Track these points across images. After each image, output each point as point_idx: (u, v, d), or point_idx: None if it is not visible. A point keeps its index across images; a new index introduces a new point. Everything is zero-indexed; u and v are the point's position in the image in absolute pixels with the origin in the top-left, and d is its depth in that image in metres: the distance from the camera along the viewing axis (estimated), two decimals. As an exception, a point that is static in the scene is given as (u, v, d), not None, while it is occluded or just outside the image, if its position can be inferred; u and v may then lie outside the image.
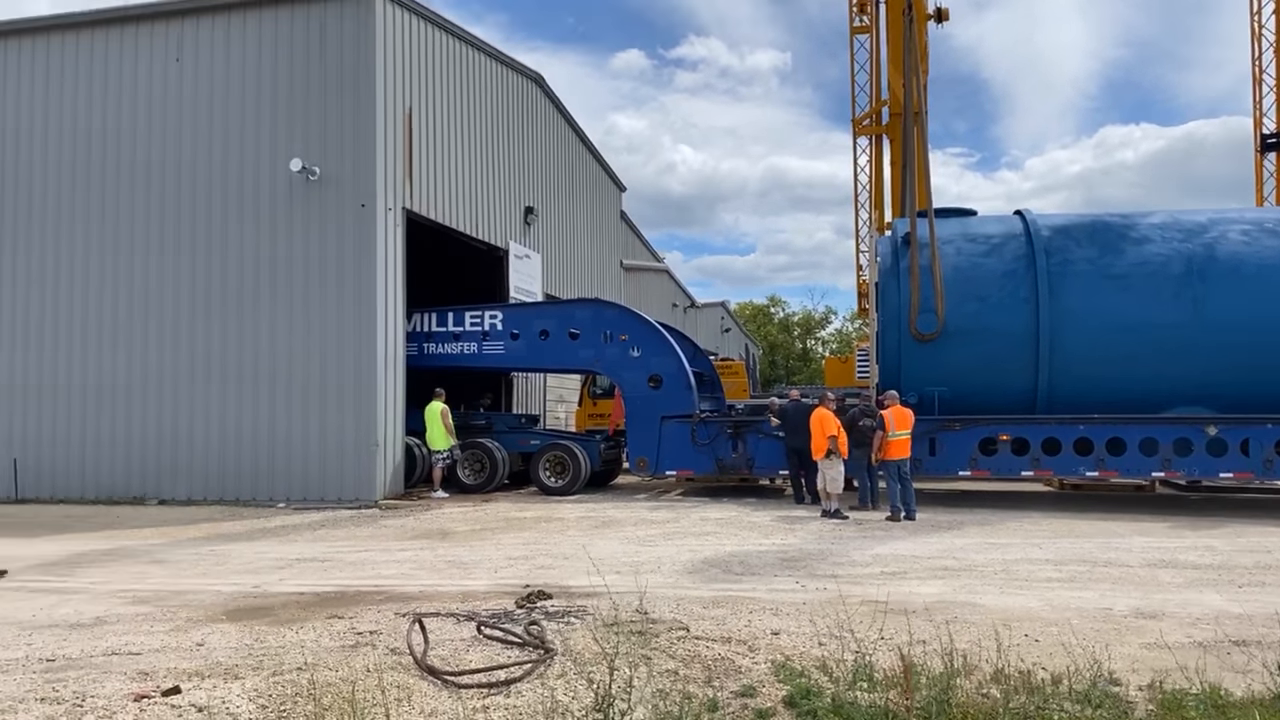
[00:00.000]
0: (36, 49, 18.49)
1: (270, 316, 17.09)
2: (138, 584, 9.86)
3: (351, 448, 16.62)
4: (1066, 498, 17.25)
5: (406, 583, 9.54)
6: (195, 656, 6.68)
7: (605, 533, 12.96)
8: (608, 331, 18.36)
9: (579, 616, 7.63)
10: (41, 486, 17.85)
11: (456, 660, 6.45)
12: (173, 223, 17.62)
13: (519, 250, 23.19)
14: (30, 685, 5.99)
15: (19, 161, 18.41)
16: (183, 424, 17.35)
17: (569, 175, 27.56)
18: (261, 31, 17.44)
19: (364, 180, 16.82)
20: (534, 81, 24.88)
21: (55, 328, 18.08)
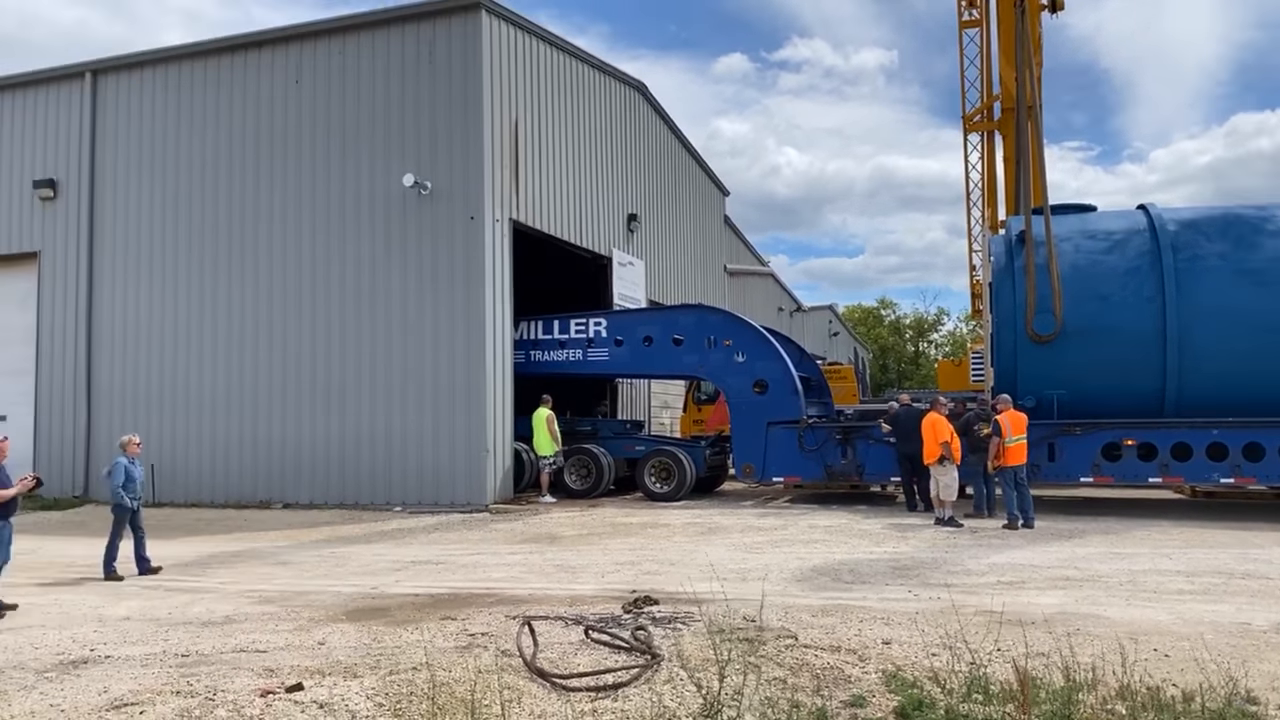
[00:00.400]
0: (169, 76, 19.61)
1: (386, 327, 17.66)
2: (264, 584, 10.31)
3: (462, 453, 17.03)
4: (1199, 506, 16.34)
5: (516, 586, 9.70)
6: (317, 655, 6.94)
7: (711, 539, 12.92)
8: (711, 337, 18.31)
9: (686, 623, 7.62)
10: (176, 491, 18.86)
11: (565, 663, 6.53)
12: (294, 238, 18.42)
13: (622, 257, 23.37)
14: (167, 679, 6.33)
15: (152, 183, 19.53)
16: (305, 431, 18.08)
17: (672, 181, 27.65)
18: (375, 51, 18.09)
19: (472, 193, 17.24)
20: (636, 90, 25.06)
21: (187, 339, 19.10)
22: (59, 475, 19.13)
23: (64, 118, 20.31)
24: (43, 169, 20.34)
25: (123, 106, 19.95)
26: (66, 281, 20.04)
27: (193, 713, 5.59)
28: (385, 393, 17.58)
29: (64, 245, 20.10)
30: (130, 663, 6.81)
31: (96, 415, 19.65)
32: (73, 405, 19.80)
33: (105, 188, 19.90)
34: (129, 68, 20.00)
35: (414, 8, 17.91)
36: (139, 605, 9.18)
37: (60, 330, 20.08)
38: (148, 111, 19.74)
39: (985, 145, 29.41)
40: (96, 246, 19.86)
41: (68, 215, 20.09)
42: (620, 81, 23.98)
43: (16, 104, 20.83)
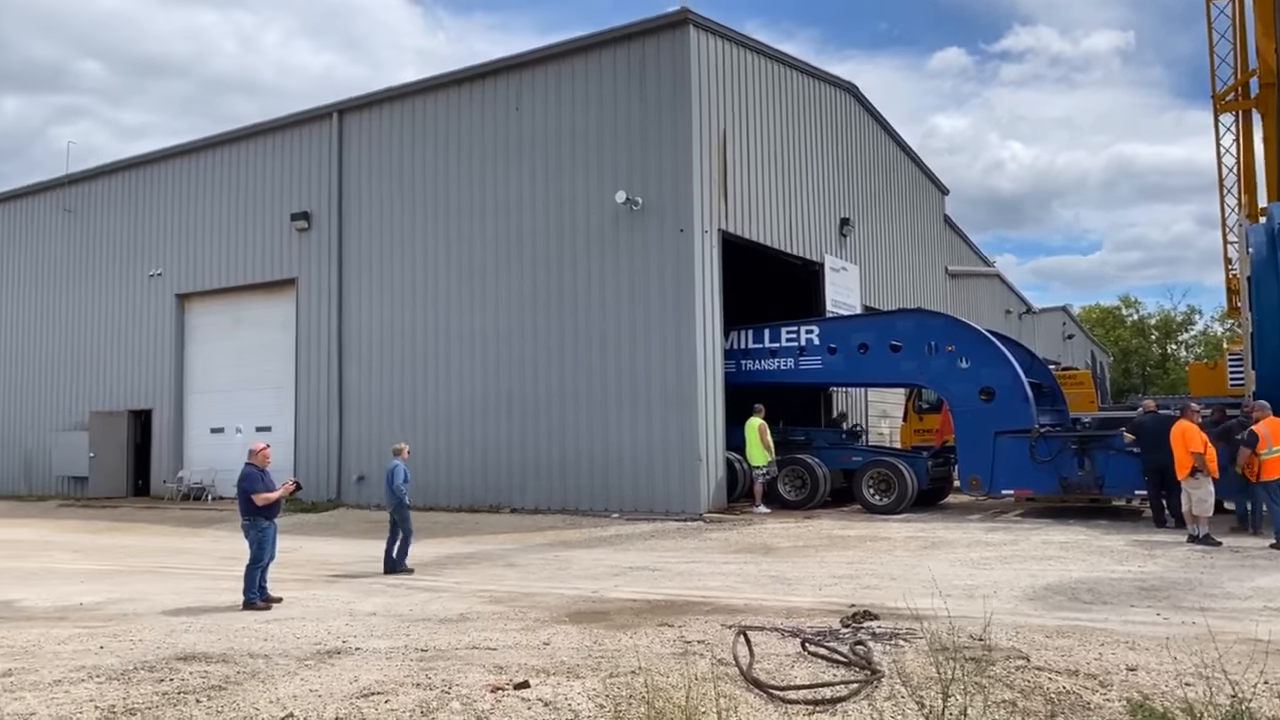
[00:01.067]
0: (404, 110, 21.19)
1: (601, 339, 18.22)
2: (493, 585, 10.88)
3: (676, 462, 17.26)
4: None
5: (731, 595, 9.72)
6: (542, 654, 7.24)
7: (935, 554, 12.41)
8: (932, 342, 17.61)
9: (907, 639, 7.35)
10: (415, 495, 19.98)
11: (781, 675, 6.46)
12: (515, 255, 19.37)
13: (835, 263, 22.95)
14: (408, 671, 6.79)
15: (390, 210, 21.13)
16: (529, 439, 18.94)
17: (886, 183, 26.90)
18: (588, 74, 18.76)
19: (682, 206, 17.50)
20: (847, 91, 24.59)
21: (424, 353, 20.49)
22: (315, 480, 21.01)
23: (315, 155, 22.38)
24: (298, 202, 22.50)
25: (364, 141, 21.75)
26: (319, 303, 22.04)
27: (430, 705, 5.96)
28: (601, 402, 18.12)
29: (317, 271, 22.12)
30: (376, 655, 7.36)
31: (347, 425, 21.44)
32: (326, 416, 21.71)
33: (351, 217, 21.74)
34: (369, 105, 21.77)
35: (624, 29, 18.43)
36: (384, 602, 9.92)
37: (315, 348, 22.09)
38: (385, 144, 21.40)
39: (1240, 126, 26.69)
40: (345, 271, 21.71)
41: (320, 244, 22.10)
42: (830, 84, 23.61)
43: (276, 145, 23.17)
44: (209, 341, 24.45)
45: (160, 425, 24.74)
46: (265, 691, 6.32)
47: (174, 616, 9.33)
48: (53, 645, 7.93)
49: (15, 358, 27.91)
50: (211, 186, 24.16)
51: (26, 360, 27.62)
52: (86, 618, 9.45)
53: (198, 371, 24.58)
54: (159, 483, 24.49)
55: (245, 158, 23.67)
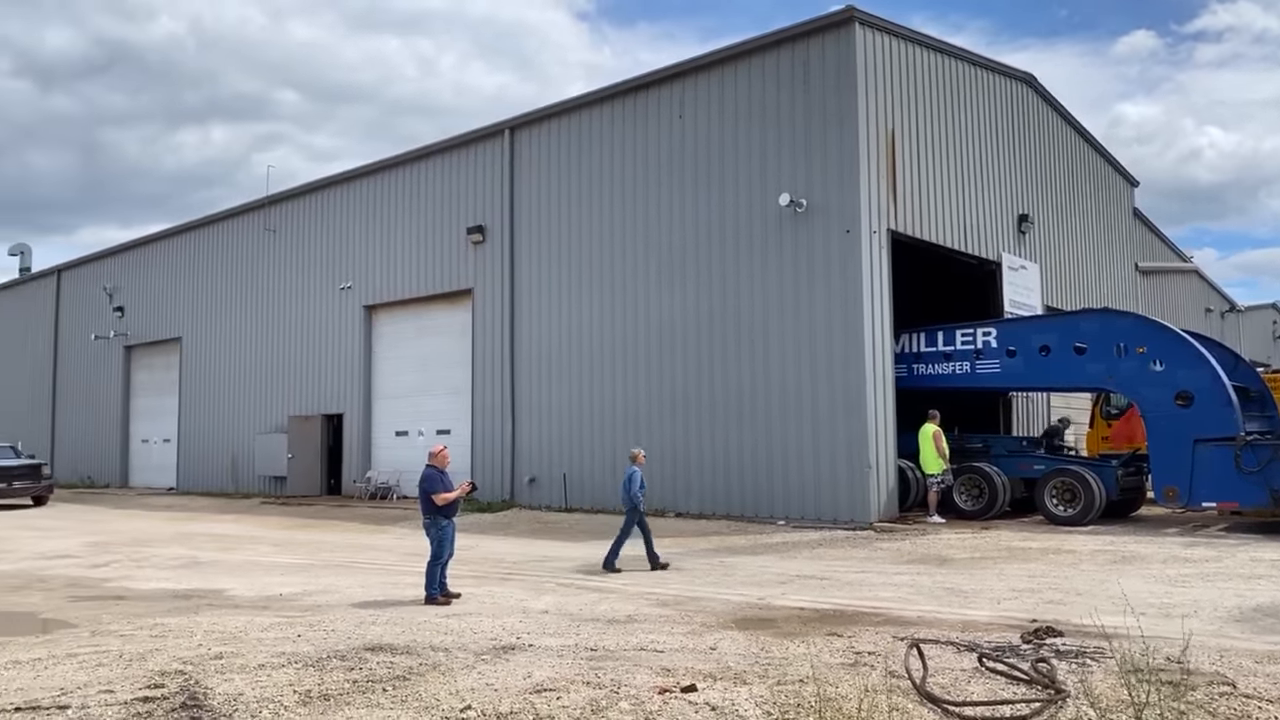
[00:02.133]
0: (571, 124, 21.76)
1: (765, 343, 18.09)
2: (659, 588, 10.99)
3: (844, 469, 16.92)
4: None
5: (904, 607, 9.44)
6: (708, 659, 7.25)
7: (1125, 569, 11.64)
8: (1121, 344, 16.54)
9: (1095, 658, 6.93)
10: (585, 497, 20.71)
11: (956, 690, 6.22)
12: (679, 260, 19.52)
13: (1013, 261, 21.92)
14: (578, 670, 6.95)
15: (558, 221, 21.73)
16: (693, 442, 19.02)
17: (1068, 176, 25.48)
18: (751, 78, 18.70)
19: (848, 206, 17.16)
20: (1024, 82, 23.47)
21: (591, 360, 20.95)
22: (489, 482, 21.82)
23: (488, 170, 23.31)
24: (473, 216, 23.48)
25: (534, 155, 22.47)
26: (493, 312, 22.91)
27: (600, 703, 6.08)
28: (766, 408, 17.98)
29: (491, 281, 23.01)
30: (548, 652, 7.57)
31: (519, 429, 22.19)
32: (500, 420, 22.53)
33: (521, 228, 22.50)
34: (539, 121, 22.49)
35: (787, 30, 18.27)
36: (555, 601, 10.20)
37: (489, 354, 22.97)
38: (553, 157, 22.04)
39: None
40: (516, 280, 22.49)
41: (493, 255, 22.98)
42: (1005, 76, 22.60)
43: (452, 163, 24.28)
44: (393, 349, 25.86)
45: (350, 428, 26.36)
46: (445, 683, 6.61)
47: (362, 609, 9.91)
48: (257, 632, 8.58)
49: (224, 367, 30.42)
50: (394, 203, 25.59)
51: (233, 369, 30.04)
52: (285, 607, 10.17)
53: (384, 378, 26.04)
54: (349, 482, 26.11)
55: (424, 175, 24.92)
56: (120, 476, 34.39)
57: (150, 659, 7.47)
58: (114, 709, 6.09)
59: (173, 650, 7.79)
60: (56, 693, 6.53)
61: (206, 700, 6.24)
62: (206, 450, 30.58)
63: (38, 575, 13.44)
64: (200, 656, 7.51)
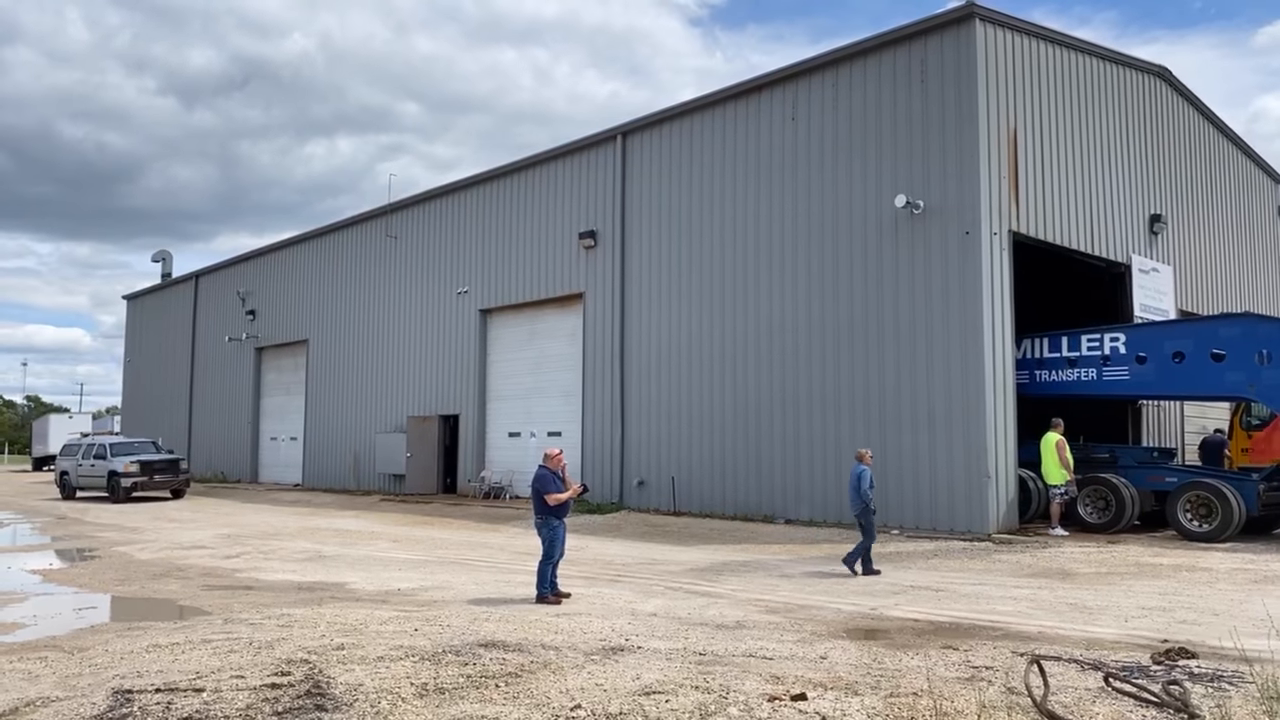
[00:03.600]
0: (682, 128, 21.81)
1: (879, 348, 17.73)
2: (769, 595, 10.89)
3: (961, 478, 16.43)
4: None
5: (1024, 622, 9.10)
6: (819, 668, 7.15)
7: (1267, 589, 10.94)
8: (1265, 351, 15.56)
9: (1233, 682, 6.54)
10: (692, 501, 20.70)
11: (1080, 710, 5.96)
12: (791, 265, 19.32)
13: (1143, 264, 20.90)
14: (687, 674, 6.95)
15: (670, 225, 21.78)
16: (804, 449, 18.78)
17: (1206, 174, 24.16)
18: (866, 78, 18.38)
19: (967, 207, 16.68)
20: (1157, 76, 22.37)
21: (700, 363, 20.92)
22: (599, 484, 22.05)
23: (600, 176, 23.57)
24: (585, 221, 23.79)
25: (646, 160, 22.61)
26: (604, 316, 23.15)
27: (709, 708, 6.06)
28: (879, 414, 17.62)
29: (602, 285, 23.26)
30: (657, 655, 7.60)
31: (628, 431, 22.34)
32: (609, 422, 22.74)
33: (633, 232, 22.67)
34: (650, 126, 22.62)
35: (906, 28, 17.88)
36: (663, 604, 10.22)
37: (599, 358, 23.22)
38: (665, 162, 22.13)
39: None
40: (626, 284, 22.67)
41: (604, 259, 23.22)
42: (1136, 69, 21.59)
43: (565, 169, 24.66)
44: (507, 352, 26.42)
45: (466, 429, 27.04)
46: (556, 682, 6.71)
47: (476, 605, 10.14)
48: (376, 625, 8.88)
49: (347, 368, 31.65)
50: (509, 210, 26.14)
51: (356, 370, 31.23)
52: (403, 602, 10.50)
53: (498, 380, 26.62)
54: (464, 481, 26.78)
55: (538, 182, 25.38)
56: (250, 472, 36.15)
57: (278, 647, 7.82)
58: (244, 694, 6.39)
59: (298, 640, 8.14)
60: (192, 676, 6.90)
61: (329, 689, 6.49)
62: (330, 448, 31.86)
63: (176, 564, 14.25)
64: (324, 647, 7.81)
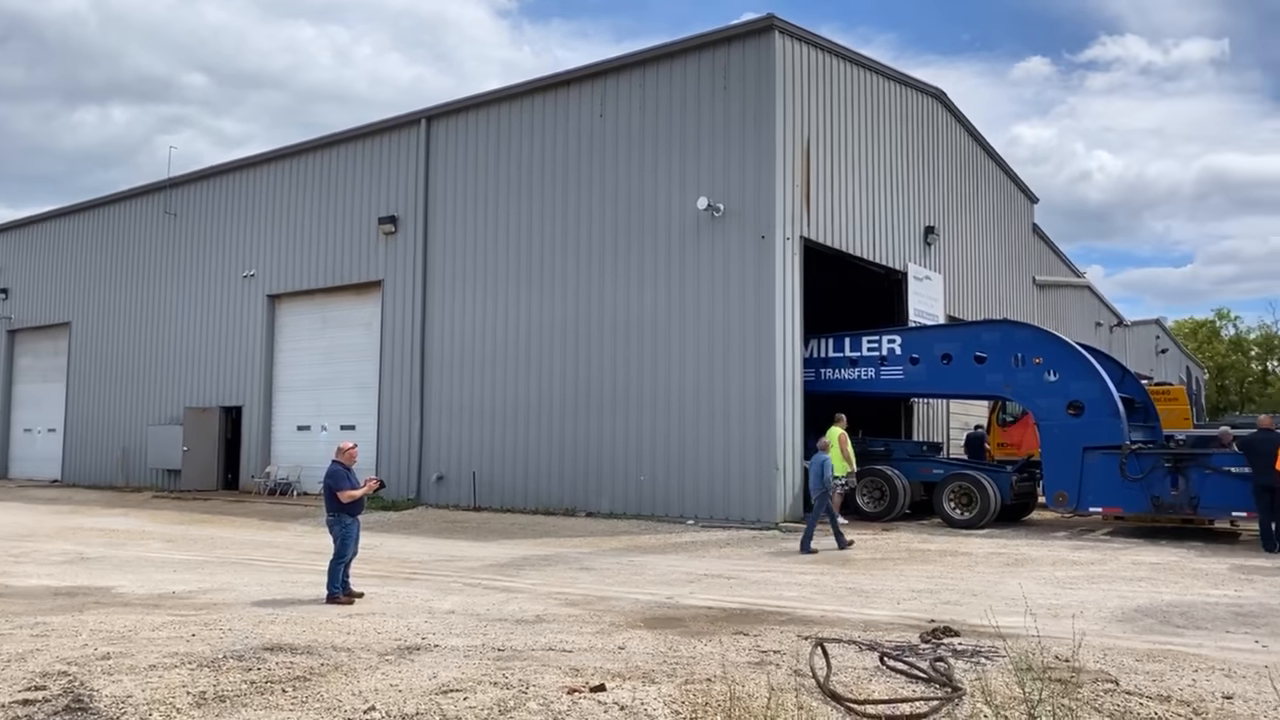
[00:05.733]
0: (489, 117, 21.52)
1: (680, 345, 18.22)
2: (569, 588, 10.95)
3: (753, 471, 17.15)
4: None
5: (808, 606, 9.60)
6: (617, 658, 7.25)
7: (1018, 571, 12.08)
8: (1019, 354, 17.15)
9: (990, 657, 7.17)
10: (493, 496, 20.52)
11: (858, 689, 6.36)
12: (597, 260, 19.51)
13: (918, 272, 22.55)
14: (485, 670, 6.87)
15: (475, 215, 21.47)
16: (606, 443, 19.03)
17: (973, 191, 26.34)
18: (672, 80, 18.80)
19: (764, 212, 17.40)
20: (934, 98, 24.16)
21: (504, 356, 20.75)
22: (396, 480, 21.45)
23: (403, 160, 22.89)
24: (385, 207, 23.04)
25: (450, 147, 22.16)
26: (404, 306, 22.51)
27: (507, 704, 6.02)
28: (679, 409, 18.11)
29: (402, 274, 22.60)
30: (455, 652, 7.47)
31: (428, 425, 21.84)
32: (408, 416, 22.14)
33: (436, 220, 22.16)
34: (457, 112, 22.18)
35: (708, 35, 18.43)
36: (462, 601, 10.07)
37: (398, 349, 22.56)
38: (471, 150, 21.77)
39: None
40: (429, 273, 22.14)
41: (405, 247, 22.58)
42: (916, 90, 23.23)
43: (365, 151, 23.76)
44: (297, 341, 25.18)
45: (250, 421, 25.57)
46: (348, 684, 6.46)
47: (261, 608, 9.61)
48: (147, 632, 8.24)
49: (115, 354, 29.16)
50: (304, 191, 24.92)
51: (126, 357, 28.83)
52: (179, 606, 9.80)
53: (286, 370, 25.33)
54: (247, 477, 25.32)
55: (336, 163, 24.33)
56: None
57: (31, 659, 7.11)
58: (-9, 712, 5.77)
59: (56, 650, 7.42)
60: (-73, 695, 6.15)
61: (92, 702, 5.96)
62: (95, 441, 29.28)
63: (-94, 571, 12.66)
64: (86, 657, 7.17)
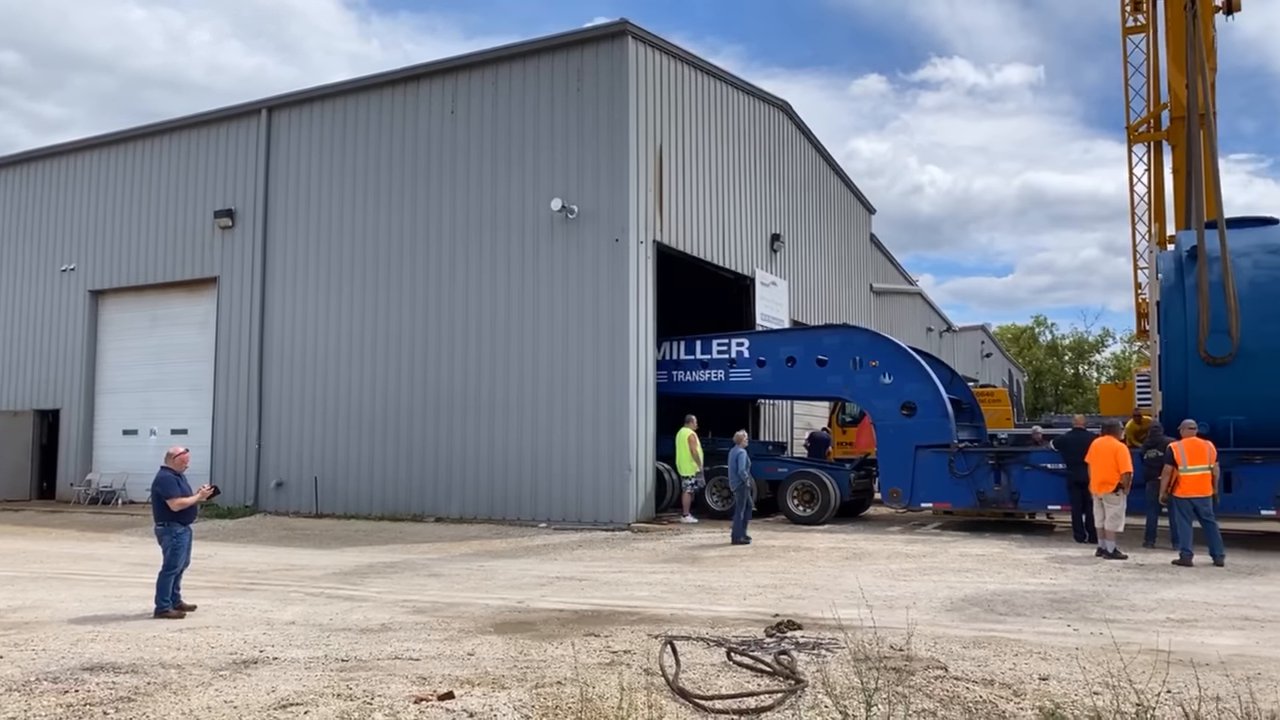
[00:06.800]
0: (336, 110, 20.82)
1: (533, 346, 18.13)
2: (417, 595, 10.71)
3: (605, 472, 17.25)
4: (1403, 545, 14.85)
5: (658, 605, 9.73)
6: (467, 665, 7.15)
7: (856, 565, 12.62)
8: (857, 358, 17.94)
9: (830, 649, 7.46)
10: (336, 502, 19.85)
11: (707, 684, 6.50)
12: (448, 260, 19.17)
13: (765, 278, 23.24)
14: (328, 682, 6.65)
15: (319, 210, 20.72)
16: (455, 447, 18.72)
17: (816, 200, 27.36)
18: (525, 80, 18.70)
19: (618, 215, 17.54)
20: (780, 109, 24.96)
21: (349, 357, 20.11)
22: (232, 486, 20.44)
23: (242, 151, 21.85)
24: (222, 200, 21.93)
25: (295, 139, 21.31)
26: (241, 304, 21.49)
27: (352, 715, 5.84)
28: (531, 411, 18.02)
29: (240, 270, 21.57)
30: (295, 665, 7.19)
31: (266, 429, 20.92)
32: (245, 420, 21.15)
33: (277, 215, 21.26)
34: (301, 103, 21.35)
35: (562, 37, 18.43)
36: (303, 611, 9.69)
37: (235, 349, 21.52)
38: (316, 143, 21.00)
39: (1152, 157, 27.79)
40: (269, 271, 21.22)
41: (244, 242, 21.56)
42: (764, 101, 23.95)
43: (200, 141, 22.55)
44: (124, 340, 23.63)
45: (68, 426, 23.83)
46: (177, 703, 6.12)
47: (80, 625, 8.97)
48: (-51, 654, 7.56)
49: (-87, 352, 26.59)
50: (132, 182, 23.41)
51: (-75, 355, 26.34)
52: (-14, 626, 9.03)
53: (111, 371, 23.74)
54: (65, 485, 23.57)
55: (169, 153, 22.98)
56: None
57: None
58: None
59: None
60: None
61: (-118, 736, 5.43)
62: (-114, 448, 26.57)
63: None
64: (-126, 686, 6.52)
